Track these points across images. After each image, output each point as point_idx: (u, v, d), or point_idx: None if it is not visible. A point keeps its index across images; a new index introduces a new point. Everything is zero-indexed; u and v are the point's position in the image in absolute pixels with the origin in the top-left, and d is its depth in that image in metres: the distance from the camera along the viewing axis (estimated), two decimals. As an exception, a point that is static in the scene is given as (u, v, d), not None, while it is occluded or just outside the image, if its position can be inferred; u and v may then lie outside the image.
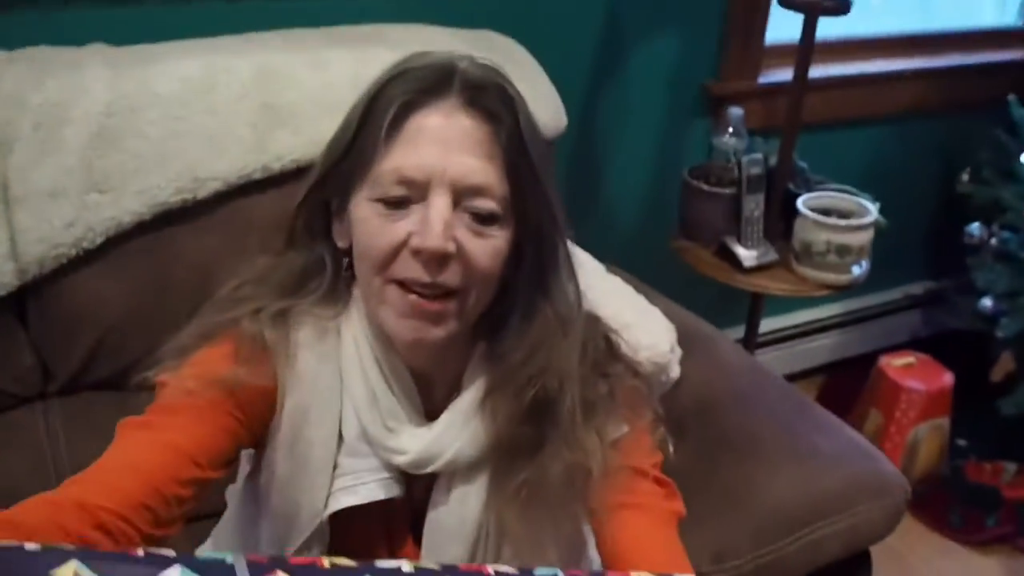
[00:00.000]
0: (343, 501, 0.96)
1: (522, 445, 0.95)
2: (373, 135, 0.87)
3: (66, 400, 1.42)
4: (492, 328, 0.97)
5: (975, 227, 2.36)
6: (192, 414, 0.90)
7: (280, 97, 1.41)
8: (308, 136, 1.40)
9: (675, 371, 1.31)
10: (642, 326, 1.31)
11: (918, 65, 2.43)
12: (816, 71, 1.98)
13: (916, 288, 2.80)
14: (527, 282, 0.95)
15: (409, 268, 0.87)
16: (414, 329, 0.89)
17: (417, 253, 0.86)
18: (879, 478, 1.36)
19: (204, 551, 1.14)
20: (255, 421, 0.97)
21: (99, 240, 1.33)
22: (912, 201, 2.60)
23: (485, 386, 0.97)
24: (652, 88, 2.06)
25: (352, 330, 0.98)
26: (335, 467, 0.97)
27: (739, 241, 1.84)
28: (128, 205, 1.33)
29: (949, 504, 2.32)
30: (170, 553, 0.66)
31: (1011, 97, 2.30)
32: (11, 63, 1.35)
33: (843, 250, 1.79)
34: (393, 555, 1.01)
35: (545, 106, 1.58)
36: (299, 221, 0.98)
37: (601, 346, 1.00)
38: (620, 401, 0.99)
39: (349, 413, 0.98)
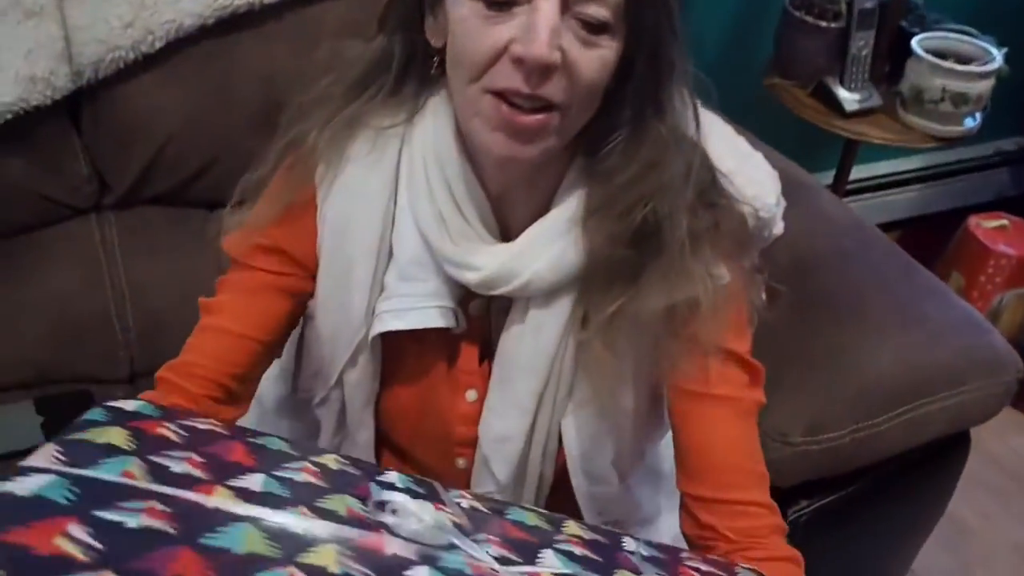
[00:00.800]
0: (389, 324, 0.89)
1: (620, 271, 0.85)
2: None
3: (122, 214, 1.34)
4: (593, 145, 0.85)
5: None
6: (243, 292, 0.92)
7: None
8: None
9: (779, 227, 1.19)
10: (745, 173, 1.16)
11: None
12: None
13: (1008, 144, 2.62)
14: (637, 96, 0.82)
15: (508, 77, 0.76)
16: (507, 145, 0.79)
17: (519, 62, 0.75)
18: (992, 353, 1.25)
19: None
20: (311, 263, 0.92)
21: (158, 44, 1.23)
22: (1014, 48, 2.39)
23: (583, 206, 0.86)
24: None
25: (423, 139, 0.87)
26: (381, 289, 0.90)
27: (841, 82, 1.68)
28: (189, 7, 1.22)
29: (1025, 375, 2.23)
30: None
31: None
32: None
33: (959, 99, 1.63)
34: (457, 393, 0.94)
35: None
36: (391, 8, 0.86)
37: (707, 177, 0.89)
38: (727, 240, 0.88)
39: (406, 230, 0.89)
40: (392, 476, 0.73)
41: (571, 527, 0.77)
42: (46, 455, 0.60)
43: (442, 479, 0.79)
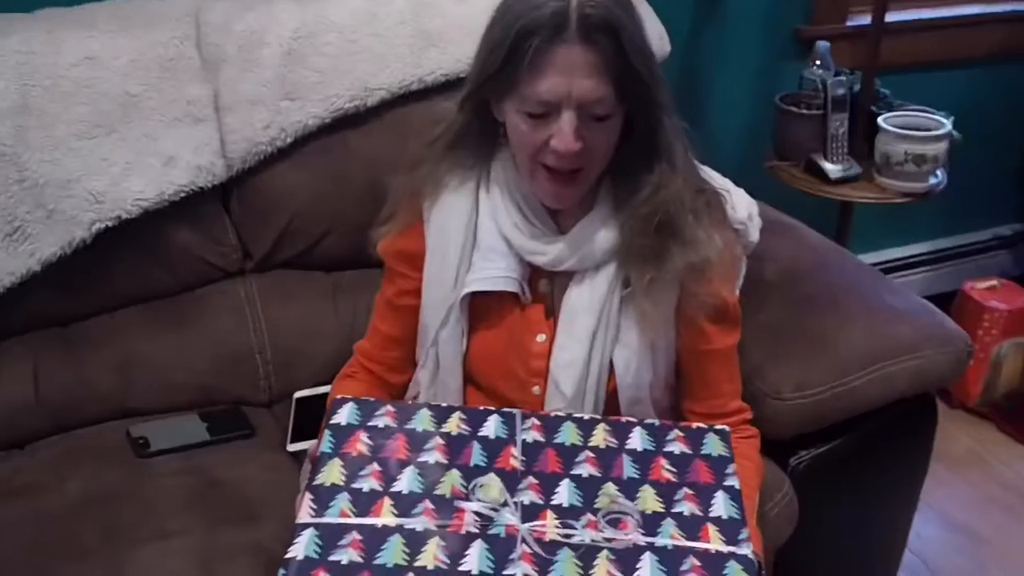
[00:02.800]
0: (474, 287, 1.29)
1: (649, 247, 1.25)
2: (515, 66, 1.16)
3: (260, 275, 1.74)
4: (614, 173, 1.27)
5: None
6: (386, 308, 1.41)
7: (431, 23, 1.72)
8: (453, 55, 1.70)
9: (754, 235, 1.53)
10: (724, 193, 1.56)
11: (1005, 8, 2.60)
12: (903, 15, 2.19)
13: (1005, 229, 2.96)
14: (639, 143, 1.24)
15: (550, 159, 1.20)
16: (556, 195, 1.24)
17: (556, 152, 1.18)
18: (943, 330, 1.58)
19: None
20: (423, 259, 1.34)
21: (289, 140, 1.66)
22: (1002, 142, 2.77)
23: (612, 208, 1.28)
24: (749, 30, 2.31)
25: (497, 175, 1.31)
26: (469, 269, 1.30)
27: (825, 157, 2.07)
28: (312, 110, 1.65)
29: (1033, 416, 2.49)
30: None
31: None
32: (216, 1, 1.68)
33: (920, 159, 2.01)
34: (530, 337, 1.32)
35: (650, 31, 1.83)
36: (470, 98, 1.28)
37: (696, 174, 1.31)
38: (715, 216, 1.29)
39: (487, 232, 1.30)
40: (491, 424, 1.17)
41: (598, 435, 1.17)
42: (306, 506, 1.05)
43: (521, 406, 1.22)
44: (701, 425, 1.21)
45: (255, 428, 1.62)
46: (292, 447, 1.61)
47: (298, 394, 1.65)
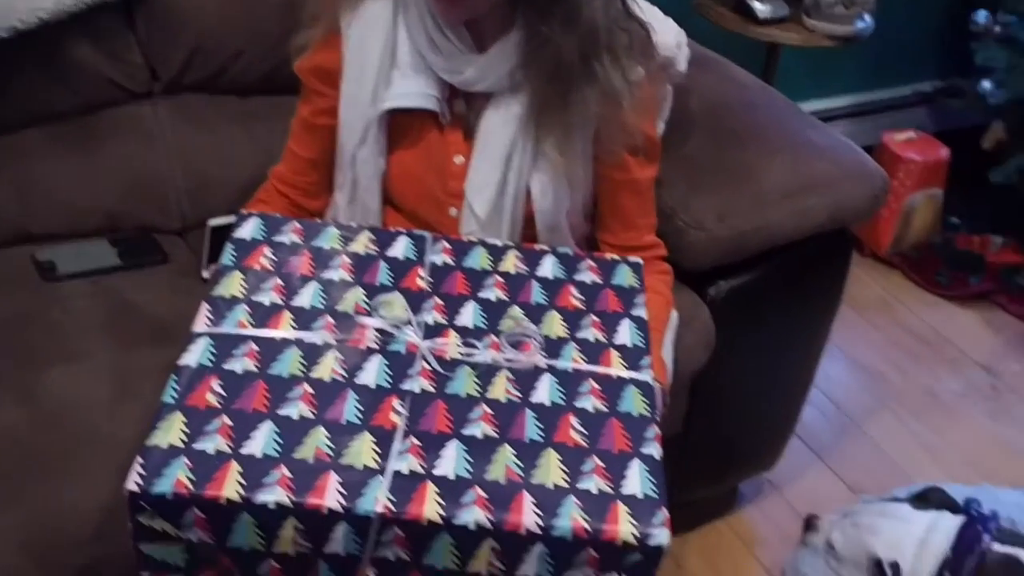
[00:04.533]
0: (392, 104, 1.26)
1: (566, 74, 1.20)
2: None
3: (169, 98, 1.66)
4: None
5: (981, 14, 2.53)
6: (302, 130, 1.36)
7: None
8: None
9: (682, 65, 1.51)
10: (652, 21, 1.52)
11: None
12: None
13: (925, 86, 2.99)
14: None
15: None
16: (443, 12, 1.19)
17: None
18: (861, 166, 1.60)
19: None
20: (339, 75, 1.28)
21: (200, -50, 1.56)
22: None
23: (531, 27, 1.20)
24: None
25: None
26: (388, 86, 1.26)
27: (755, -4, 2.05)
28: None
29: (938, 266, 2.57)
30: None
31: None
32: None
33: (850, 1, 1.99)
34: (448, 158, 1.29)
35: None
36: None
37: (621, 9, 1.24)
38: (637, 49, 1.24)
39: (404, 48, 1.25)
40: (400, 245, 1.15)
41: (509, 259, 1.17)
42: (202, 316, 1.03)
43: (438, 229, 1.20)
44: (615, 256, 1.21)
45: (167, 254, 1.58)
46: (207, 273, 1.57)
47: (212, 221, 1.60)
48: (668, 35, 1.46)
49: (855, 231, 1.62)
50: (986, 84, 2.48)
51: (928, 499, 1.73)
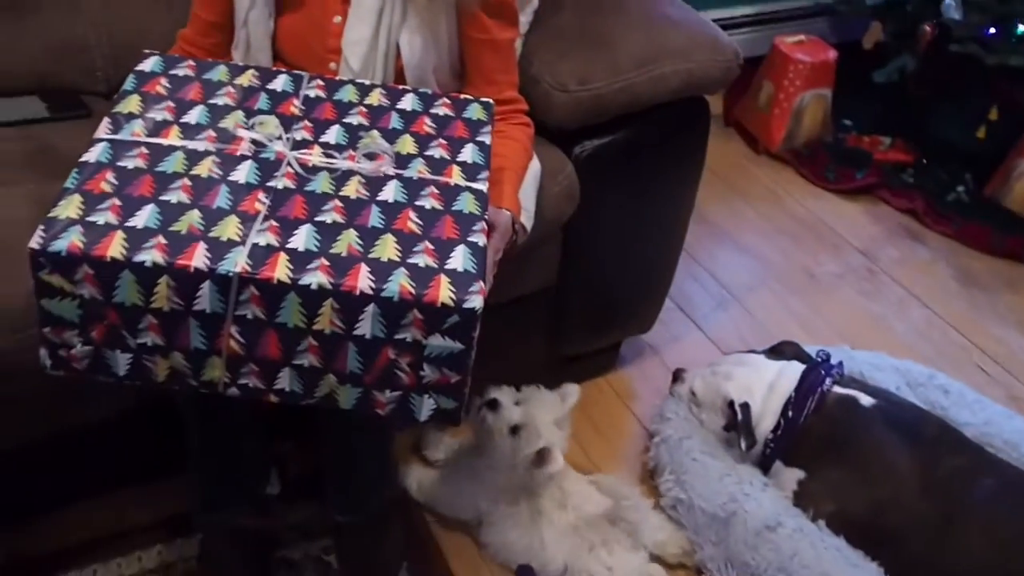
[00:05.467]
0: None
1: None
2: None
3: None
4: None
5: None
6: None
7: None
8: None
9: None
10: None
11: None
12: None
13: (827, -2, 3.18)
14: None
15: None
16: None
17: None
18: (715, 41, 1.78)
19: None
20: None
21: None
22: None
23: None
24: None
25: None
26: None
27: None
28: None
29: (827, 163, 2.78)
30: None
31: None
32: None
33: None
34: (327, 17, 1.46)
35: None
36: None
37: None
38: None
39: None
40: (280, 81, 1.33)
41: (374, 96, 1.35)
42: (103, 126, 1.21)
43: None
44: (468, 96, 1.39)
45: (91, 110, 1.75)
46: (127, 129, 1.75)
47: (132, 85, 1.78)
48: None
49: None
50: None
51: (782, 352, 1.96)
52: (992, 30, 2.51)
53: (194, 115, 1.26)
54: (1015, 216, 2.62)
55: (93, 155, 1.18)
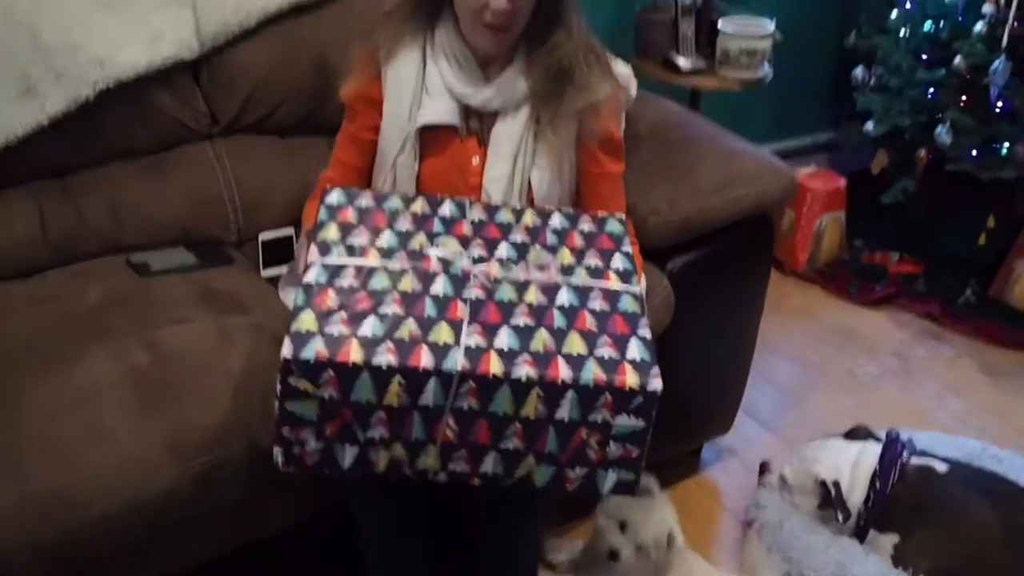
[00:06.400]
0: (425, 120, 1.69)
1: (551, 94, 1.67)
2: None
3: (226, 138, 2.07)
4: (527, 36, 1.67)
5: (859, 70, 3.09)
6: (349, 141, 1.77)
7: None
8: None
9: (633, 90, 1.98)
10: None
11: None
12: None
13: (822, 136, 3.54)
14: (547, 12, 1.65)
15: (488, 16, 1.59)
16: (492, 42, 1.64)
17: (494, 10, 1.58)
18: (775, 166, 2.06)
19: None
20: (380, 101, 1.72)
21: (253, 23, 1.99)
22: (814, 59, 3.33)
23: (526, 63, 1.68)
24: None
25: (441, 37, 1.69)
26: (420, 108, 1.69)
27: (678, 53, 2.54)
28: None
29: (848, 278, 3.05)
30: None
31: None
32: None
33: (751, 54, 2.51)
34: (468, 159, 1.72)
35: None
36: None
37: (590, 42, 1.71)
38: (604, 67, 1.70)
39: (433, 79, 1.69)
40: (447, 207, 1.55)
41: (527, 216, 1.58)
42: (313, 252, 1.42)
43: None
44: (604, 213, 1.63)
45: (233, 258, 1.96)
46: (266, 273, 1.97)
47: (263, 235, 2.01)
48: (622, 67, 1.92)
49: (776, 255, 2.00)
50: (869, 125, 3.01)
51: (856, 434, 2.16)
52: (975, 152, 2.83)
53: (385, 239, 1.47)
54: (1020, 312, 2.89)
55: (311, 276, 1.38)
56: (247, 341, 1.64)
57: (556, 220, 1.58)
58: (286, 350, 1.27)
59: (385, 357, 1.27)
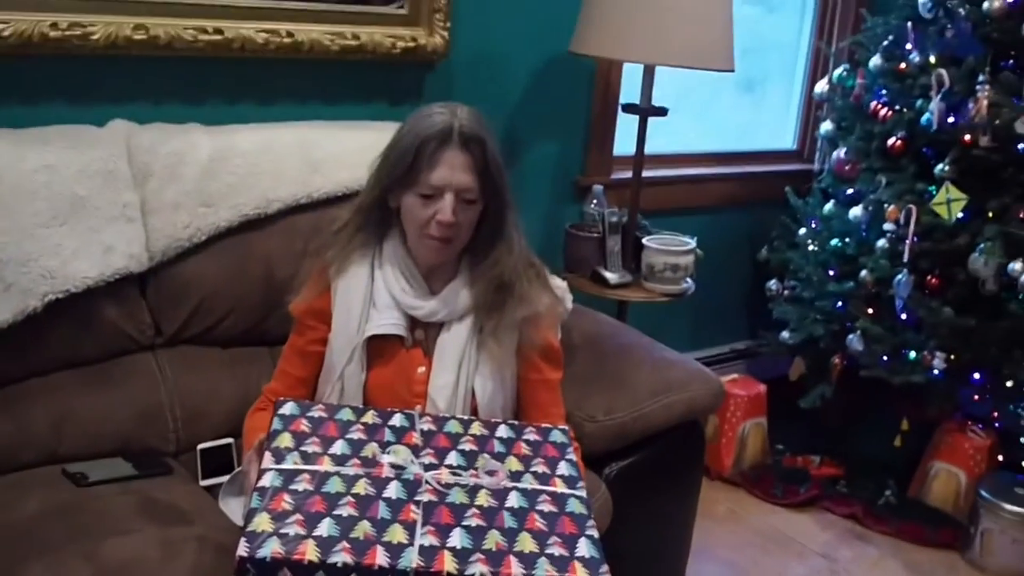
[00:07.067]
0: (372, 331, 1.76)
1: (495, 304, 1.76)
2: (418, 163, 1.68)
3: (168, 349, 2.10)
4: (471, 251, 1.78)
5: (772, 283, 3.30)
6: (296, 354, 1.85)
7: (314, 154, 2.20)
8: (333, 179, 2.18)
9: (568, 304, 2.08)
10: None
11: (723, 171, 3.43)
12: (651, 172, 2.93)
13: (740, 344, 3.71)
14: (490, 228, 1.77)
15: (435, 229, 1.70)
16: (437, 253, 1.74)
17: (440, 223, 1.69)
18: (704, 374, 2.17)
19: None
20: (329, 315, 1.79)
21: (203, 237, 2.06)
22: (731, 273, 3.54)
23: (469, 276, 1.78)
24: (540, 180, 2.95)
25: (389, 252, 1.79)
26: (367, 320, 1.77)
27: (606, 268, 2.69)
28: (224, 215, 2.08)
29: (772, 482, 3.13)
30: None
31: (788, 189, 3.30)
32: (144, 131, 2.10)
33: (675, 268, 2.67)
34: (413, 369, 1.79)
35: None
36: (367, 202, 1.79)
37: (529, 257, 1.82)
38: (543, 280, 1.81)
39: (380, 293, 1.78)
40: (396, 418, 1.61)
41: (475, 427, 1.65)
42: (268, 459, 1.47)
43: None
44: (548, 425, 1.69)
45: (172, 467, 1.95)
46: (204, 482, 1.96)
47: (201, 445, 2.02)
48: (558, 281, 2.04)
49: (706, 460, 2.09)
50: (784, 334, 3.18)
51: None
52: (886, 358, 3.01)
53: (338, 447, 1.51)
54: (939, 511, 2.99)
55: (267, 481, 1.41)
56: (191, 553, 1.62)
57: (502, 431, 1.64)
58: (242, 549, 1.28)
59: (341, 556, 1.29)
